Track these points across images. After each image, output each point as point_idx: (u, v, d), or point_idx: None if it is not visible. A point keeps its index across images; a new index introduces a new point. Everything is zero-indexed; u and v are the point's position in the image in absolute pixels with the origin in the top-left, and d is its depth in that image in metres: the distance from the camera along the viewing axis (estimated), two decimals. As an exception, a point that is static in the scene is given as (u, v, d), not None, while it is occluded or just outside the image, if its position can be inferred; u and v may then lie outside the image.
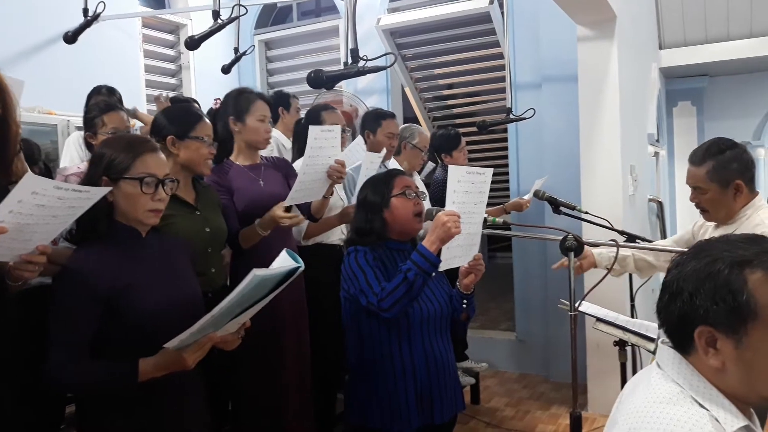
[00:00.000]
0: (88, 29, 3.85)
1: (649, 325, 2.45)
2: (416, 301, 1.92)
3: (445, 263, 1.86)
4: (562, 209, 2.84)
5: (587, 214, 2.90)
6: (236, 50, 4.43)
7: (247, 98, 2.43)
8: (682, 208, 5.63)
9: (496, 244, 6.44)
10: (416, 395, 1.94)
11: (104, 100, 2.88)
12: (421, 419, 1.94)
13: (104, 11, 3.79)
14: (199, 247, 2.12)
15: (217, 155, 2.32)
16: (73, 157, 3.01)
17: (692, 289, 0.97)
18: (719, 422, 0.94)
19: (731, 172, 2.06)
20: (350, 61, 2.52)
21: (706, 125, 5.87)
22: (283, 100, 3.63)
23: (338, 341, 2.40)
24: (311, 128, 2.28)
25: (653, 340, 2.25)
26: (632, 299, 3.15)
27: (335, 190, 2.59)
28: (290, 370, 2.41)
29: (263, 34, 5.55)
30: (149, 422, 1.55)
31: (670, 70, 5.48)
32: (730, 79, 5.75)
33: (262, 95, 2.53)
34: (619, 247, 2.12)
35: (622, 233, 2.71)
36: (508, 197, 4.49)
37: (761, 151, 5.77)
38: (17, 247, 1.32)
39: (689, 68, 5.46)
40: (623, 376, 2.48)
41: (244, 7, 3.36)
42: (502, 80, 4.33)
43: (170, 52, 5.09)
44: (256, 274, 1.34)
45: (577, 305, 1.85)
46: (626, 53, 3.84)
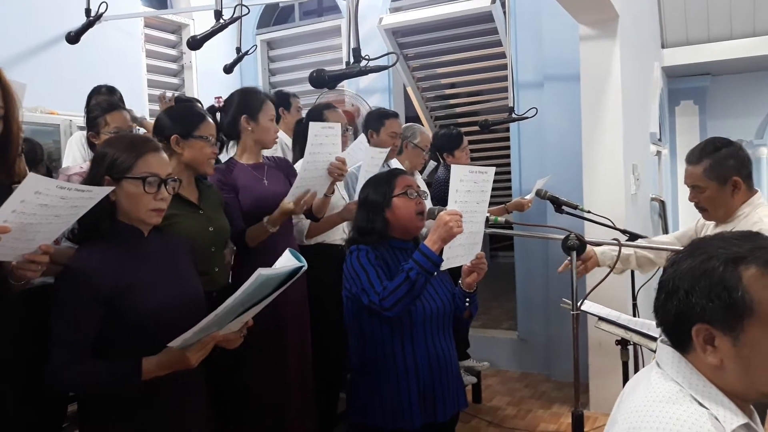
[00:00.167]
0: (90, 29, 3.85)
1: (651, 324, 2.45)
2: (418, 299, 1.92)
3: (447, 262, 1.86)
4: (564, 208, 2.84)
5: (589, 213, 2.90)
6: (238, 50, 4.43)
7: (259, 98, 2.46)
8: (684, 207, 5.62)
9: (498, 243, 6.42)
10: (419, 394, 1.94)
11: (106, 99, 2.88)
12: (423, 418, 1.94)
13: (106, 11, 3.79)
14: (202, 246, 2.12)
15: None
16: (75, 156, 3.01)
17: (688, 287, 0.97)
18: (719, 420, 0.94)
19: (728, 168, 2.07)
20: (352, 60, 2.52)
21: (708, 124, 5.85)
22: (283, 100, 3.63)
23: (340, 340, 2.40)
24: (312, 125, 2.28)
25: (655, 339, 2.24)
26: (634, 298, 3.14)
27: (336, 188, 2.59)
28: (292, 369, 2.42)
29: (265, 33, 5.56)
30: (152, 422, 1.55)
31: (672, 69, 5.47)
32: (732, 78, 5.74)
33: (268, 95, 2.56)
34: (621, 246, 2.13)
35: (624, 232, 2.71)
36: (510, 196, 4.49)
37: (764, 150, 5.76)
38: (20, 246, 1.33)
39: (691, 67, 5.45)
40: (625, 375, 2.48)
41: (246, 6, 3.36)
42: (504, 79, 4.33)
43: (172, 51, 5.10)
44: (261, 273, 1.34)
45: (579, 304, 1.85)
46: (628, 52, 3.83)
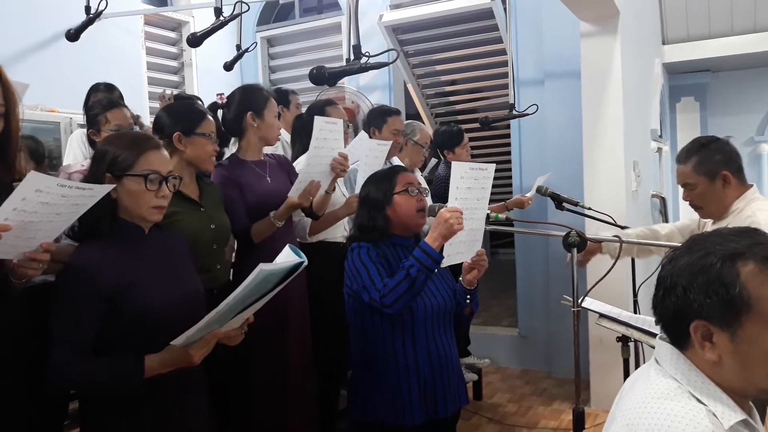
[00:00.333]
0: (90, 27, 3.85)
1: (651, 320, 2.44)
2: (419, 296, 1.92)
3: (447, 259, 1.86)
4: (565, 205, 2.84)
5: (590, 210, 2.90)
6: (238, 47, 4.43)
7: (263, 95, 2.46)
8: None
9: (498, 240, 6.43)
10: (419, 391, 1.94)
11: (106, 96, 2.87)
12: (424, 414, 1.95)
13: (106, 9, 3.79)
14: (204, 243, 2.12)
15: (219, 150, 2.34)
16: (76, 154, 3.01)
17: (686, 283, 0.97)
18: (717, 417, 0.94)
19: (716, 163, 2.09)
20: (352, 57, 2.52)
21: (709, 121, 5.85)
22: (282, 97, 3.62)
23: (341, 337, 2.41)
24: (316, 119, 2.29)
25: (656, 335, 2.25)
26: (635, 295, 3.14)
27: (337, 185, 2.59)
28: (294, 366, 2.42)
29: (265, 30, 5.55)
30: (153, 420, 1.55)
31: (673, 65, 5.46)
32: (733, 74, 5.73)
33: (271, 92, 2.56)
34: (622, 242, 2.13)
35: (625, 229, 2.71)
36: (510, 193, 4.48)
37: (765, 146, 5.75)
38: (21, 244, 1.32)
39: (692, 64, 5.44)
40: (626, 372, 2.48)
41: (246, 3, 3.36)
42: (504, 76, 4.32)
43: (172, 49, 5.09)
44: (262, 269, 1.35)
45: (579, 301, 1.86)
46: (629, 49, 3.82)
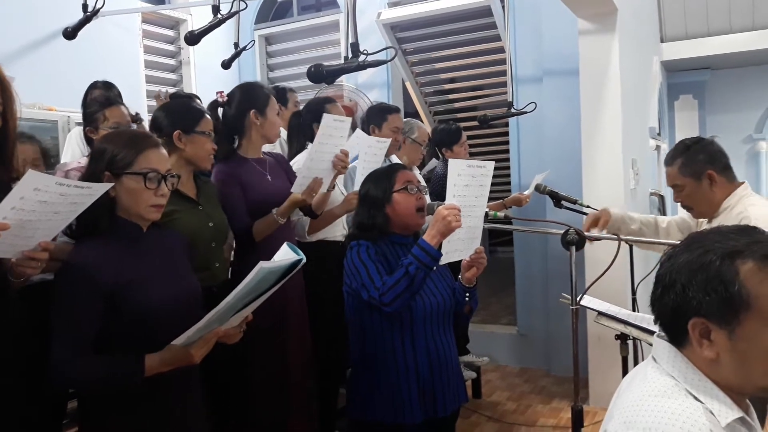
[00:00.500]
0: (87, 25, 3.84)
1: (650, 318, 2.43)
2: (419, 295, 1.92)
3: (446, 257, 1.85)
4: (563, 203, 2.84)
5: (589, 207, 2.89)
6: (236, 45, 4.42)
7: (265, 92, 2.47)
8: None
9: (497, 238, 6.43)
10: (419, 390, 1.94)
11: (104, 94, 2.86)
12: (423, 413, 1.94)
13: (104, 7, 3.78)
14: (203, 241, 2.12)
15: (219, 148, 2.34)
16: (74, 152, 3.00)
17: (685, 281, 0.97)
18: (714, 415, 0.94)
19: (700, 163, 2.11)
20: (351, 55, 2.52)
21: (707, 119, 5.85)
22: (280, 95, 3.61)
23: (341, 336, 2.40)
24: (325, 116, 2.32)
25: (654, 333, 2.25)
26: (633, 293, 3.14)
27: (336, 184, 2.59)
28: (293, 364, 2.42)
29: (263, 29, 5.54)
30: (152, 419, 1.55)
31: (671, 63, 5.46)
32: (731, 72, 5.73)
33: (271, 90, 2.56)
34: (620, 241, 2.13)
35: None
36: (509, 191, 4.48)
37: (763, 144, 5.75)
38: (19, 243, 1.32)
39: (691, 61, 5.44)
40: (625, 369, 2.48)
41: (244, 1, 3.35)
42: (503, 74, 4.32)
43: (170, 47, 5.08)
44: (262, 266, 1.35)
45: (578, 299, 1.85)
46: (627, 46, 3.82)
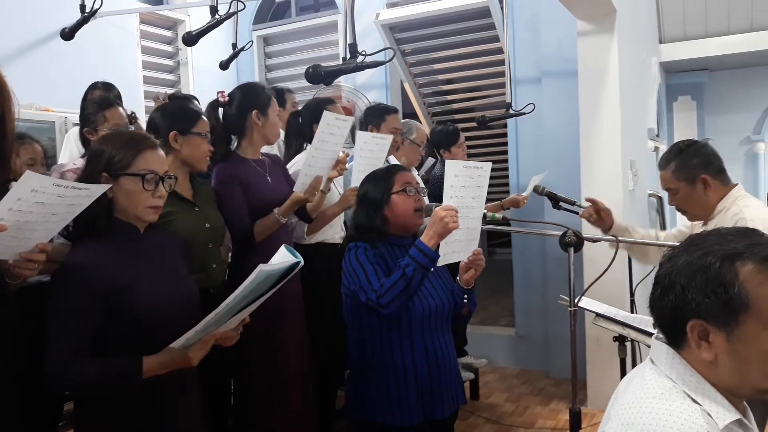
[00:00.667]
0: (85, 26, 3.83)
1: (648, 320, 2.44)
2: (417, 297, 1.91)
3: (443, 258, 1.85)
4: (561, 204, 2.83)
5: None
6: (234, 46, 4.41)
7: (266, 93, 2.47)
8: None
9: (495, 239, 6.44)
10: (417, 391, 1.94)
11: (104, 95, 2.85)
12: (422, 415, 1.94)
13: (101, 7, 3.77)
14: (200, 242, 2.12)
15: (219, 148, 2.34)
16: (72, 153, 3.00)
17: (684, 282, 0.97)
18: (711, 416, 0.94)
19: (694, 168, 2.10)
20: (349, 56, 2.51)
21: (706, 120, 5.86)
22: (278, 96, 3.60)
23: (340, 337, 2.40)
24: (326, 113, 2.31)
25: (652, 335, 2.25)
26: (632, 294, 3.15)
27: (333, 185, 2.59)
28: (291, 365, 2.42)
29: (261, 29, 5.53)
30: (148, 420, 1.54)
31: (670, 64, 5.47)
32: (730, 73, 5.74)
33: (271, 91, 2.57)
34: (619, 242, 2.13)
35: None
36: (507, 192, 4.48)
37: (761, 145, 5.77)
38: (17, 245, 1.32)
39: (689, 63, 5.46)
40: (623, 371, 2.48)
41: (242, 2, 3.34)
42: (501, 75, 4.32)
43: (168, 48, 5.07)
44: (262, 269, 1.34)
45: (576, 301, 1.85)
46: (626, 48, 3.83)
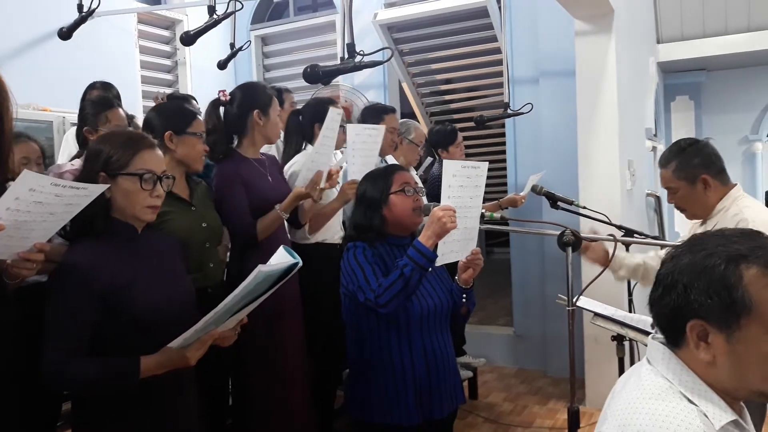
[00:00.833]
0: (83, 25, 3.82)
1: (646, 319, 2.45)
2: (415, 296, 1.91)
3: (442, 258, 1.85)
4: (559, 204, 2.84)
5: (585, 208, 2.90)
6: (232, 46, 4.41)
7: (267, 93, 2.48)
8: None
9: (493, 239, 6.44)
10: (416, 391, 1.94)
11: (105, 95, 2.84)
12: (420, 414, 1.94)
13: (99, 7, 3.77)
14: (196, 242, 2.12)
15: (219, 146, 2.35)
16: (71, 152, 2.98)
17: (687, 282, 0.97)
18: (708, 417, 0.94)
19: (695, 167, 2.10)
20: (347, 56, 2.51)
21: (704, 119, 5.87)
22: (276, 97, 3.60)
23: (339, 337, 2.40)
24: (331, 109, 2.39)
25: (650, 334, 2.25)
26: (630, 294, 3.14)
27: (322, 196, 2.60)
28: (289, 365, 2.42)
29: (259, 29, 5.53)
30: (145, 420, 1.54)
31: (667, 64, 5.48)
32: (727, 73, 5.74)
33: (273, 91, 2.57)
34: (617, 242, 2.13)
35: (619, 228, 2.71)
36: (505, 192, 4.49)
37: (759, 145, 5.77)
38: (15, 244, 1.31)
39: (687, 62, 5.46)
40: (621, 370, 2.48)
41: (240, 2, 3.34)
42: (499, 75, 4.32)
43: (166, 48, 5.07)
44: (261, 270, 1.35)
45: (574, 300, 1.85)
46: (624, 48, 3.83)
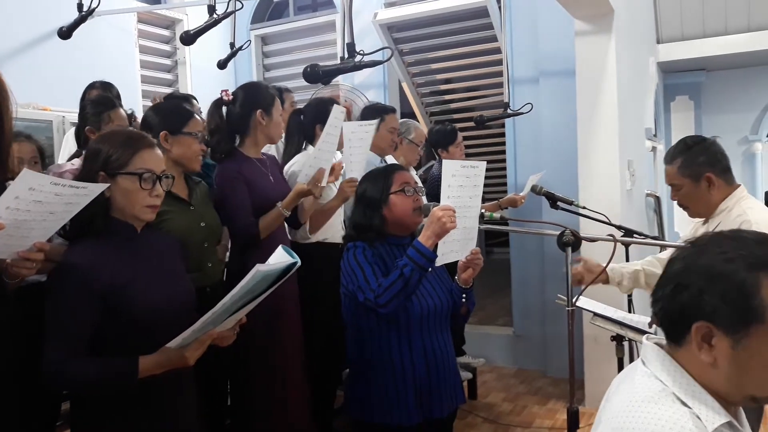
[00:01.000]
0: (82, 25, 3.82)
1: (646, 320, 2.45)
2: (415, 296, 1.91)
3: (441, 258, 1.85)
4: (559, 204, 2.84)
5: (585, 209, 2.90)
6: (232, 45, 4.41)
7: (270, 93, 2.47)
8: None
9: (493, 239, 6.44)
10: (415, 391, 1.94)
11: (107, 95, 2.84)
12: (420, 414, 1.94)
13: (99, 6, 3.76)
14: (195, 242, 2.12)
15: (224, 146, 2.36)
16: (72, 152, 2.99)
17: (703, 284, 0.95)
18: (701, 419, 0.93)
19: (700, 165, 2.10)
20: (347, 55, 2.51)
21: (703, 120, 5.87)
22: None
23: (339, 337, 2.40)
24: (335, 107, 2.37)
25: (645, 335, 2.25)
26: (629, 294, 3.15)
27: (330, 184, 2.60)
28: (289, 365, 2.42)
29: (259, 29, 5.53)
30: (145, 420, 1.54)
31: (667, 64, 5.48)
32: (727, 73, 5.74)
33: (275, 91, 2.57)
34: (616, 242, 2.12)
35: (619, 228, 2.71)
36: (505, 192, 4.49)
37: (758, 145, 5.77)
38: (14, 243, 1.31)
39: (687, 63, 5.46)
40: (620, 370, 2.47)
41: (239, 1, 3.34)
42: (499, 75, 4.32)
43: (166, 47, 5.07)
44: (259, 269, 1.34)
45: (574, 300, 1.85)
46: (624, 48, 3.83)
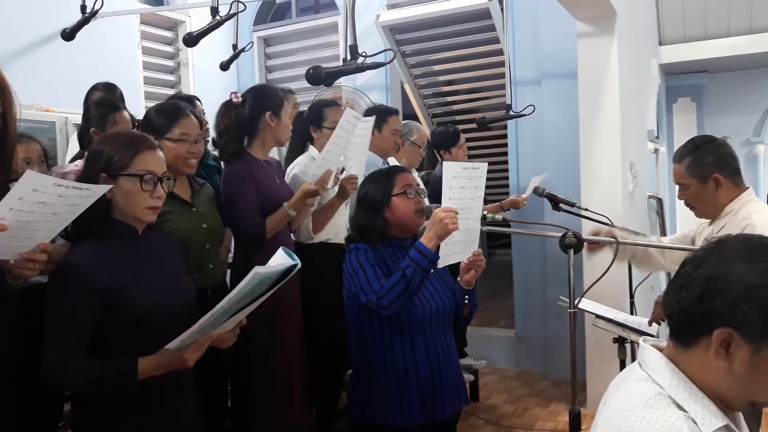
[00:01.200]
0: (86, 26, 3.83)
1: (647, 322, 2.45)
2: (418, 298, 1.92)
3: (444, 259, 1.85)
4: (561, 206, 2.84)
5: (587, 210, 2.90)
6: (235, 47, 4.41)
7: (279, 95, 2.48)
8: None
9: (495, 240, 6.43)
10: (418, 392, 1.94)
11: (110, 97, 2.85)
12: (423, 416, 1.94)
13: (102, 8, 3.78)
14: (196, 243, 2.12)
15: (232, 147, 2.38)
16: (75, 152, 2.99)
17: (741, 294, 0.92)
18: (696, 424, 0.92)
19: (708, 166, 2.09)
20: (349, 57, 2.51)
21: (705, 121, 5.86)
22: None
23: (341, 338, 2.40)
24: (348, 111, 2.40)
25: (652, 337, 2.25)
26: (632, 296, 3.15)
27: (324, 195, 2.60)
28: (290, 366, 2.42)
29: (262, 30, 5.54)
30: (145, 420, 1.54)
31: (669, 66, 5.47)
32: (729, 75, 5.74)
33: (283, 93, 2.58)
34: (619, 244, 2.12)
35: (621, 230, 2.70)
36: (507, 194, 4.49)
37: (761, 147, 5.76)
38: (18, 245, 1.32)
39: (689, 64, 5.45)
40: (622, 372, 2.48)
41: (242, 3, 3.34)
42: (501, 77, 4.32)
43: (169, 49, 5.08)
44: (257, 271, 1.34)
45: (576, 302, 1.85)
46: (626, 49, 3.83)
